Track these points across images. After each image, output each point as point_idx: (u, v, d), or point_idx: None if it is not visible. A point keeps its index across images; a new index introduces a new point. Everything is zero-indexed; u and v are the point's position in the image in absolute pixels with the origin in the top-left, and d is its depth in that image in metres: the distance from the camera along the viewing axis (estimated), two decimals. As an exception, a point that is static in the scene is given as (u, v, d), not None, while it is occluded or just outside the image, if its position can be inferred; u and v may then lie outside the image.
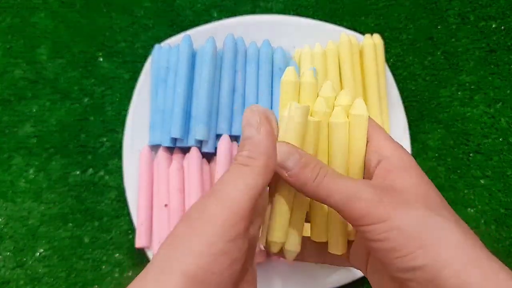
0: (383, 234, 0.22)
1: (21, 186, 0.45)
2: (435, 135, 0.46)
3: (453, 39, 0.48)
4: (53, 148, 0.45)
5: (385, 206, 0.22)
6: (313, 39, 0.43)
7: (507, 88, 0.47)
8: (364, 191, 0.22)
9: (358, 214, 0.22)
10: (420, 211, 0.22)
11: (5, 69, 0.47)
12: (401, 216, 0.22)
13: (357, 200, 0.22)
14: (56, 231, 0.44)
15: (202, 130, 0.40)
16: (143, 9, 0.48)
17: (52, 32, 0.47)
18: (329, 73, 0.42)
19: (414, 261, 0.21)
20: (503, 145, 0.46)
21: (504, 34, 0.48)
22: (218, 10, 0.48)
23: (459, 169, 0.45)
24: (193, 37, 0.42)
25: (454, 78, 0.47)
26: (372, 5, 0.48)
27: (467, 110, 0.47)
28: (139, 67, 0.46)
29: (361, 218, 0.22)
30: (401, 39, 0.48)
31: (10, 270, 0.43)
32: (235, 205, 0.21)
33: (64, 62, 0.47)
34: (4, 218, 0.44)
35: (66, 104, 0.46)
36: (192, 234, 0.21)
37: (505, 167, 0.45)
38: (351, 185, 0.23)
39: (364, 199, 0.22)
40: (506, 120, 0.46)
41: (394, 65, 0.47)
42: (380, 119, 0.41)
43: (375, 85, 0.41)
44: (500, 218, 0.45)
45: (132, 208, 0.42)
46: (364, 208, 0.22)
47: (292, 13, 0.48)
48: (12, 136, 0.45)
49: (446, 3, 0.48)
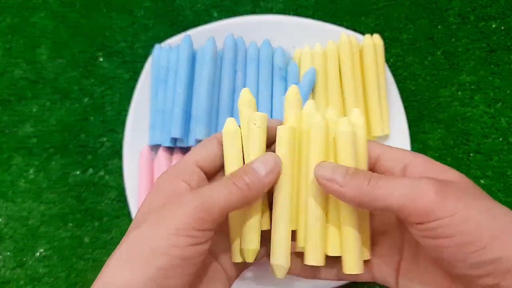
0: (454, 228, 0.21)
1: (21, 186, 0.45)
2: (435, 135, 0.46)
3: (453, 39, 0.48)
4: (53, 148, 0.45)
5: (450, 199, 0.21)
6: (313, 39, 0.43)
7: (507, 88, 0.47)
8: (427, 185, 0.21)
9: (423, 211, 0.21)
10: (484, 201, 0.21)
11: (5, 69, 0.47)
12: (469, 207, 0.21)
13: (422, 196, 0.21)
14: (56, 231, 0.44)
15: (202, 130, 0.40)
16: (143, 9, 0.48)
17: (52, 32, 0.47)
18: (329, 73, 0.42)
19: (492, 253, 0.20)
20: (503, 145, 0.46)
21: (504, 34, 0.48)
22: (218, 10, 0.48)
23: (459, 169, 0.45)
24: (193, 37, 0.42)
25: (454, 78, 0.47)
26: (372, 5, 0.48)
27: (467, 110, 0.47)
28: (139, 67, 0.47)
29: (427, 215, 0.21)
30: (401, 39, 0.48)
31: (10, 270, 0.43)
32: (211, 201, 0.22)
33: (64, 62, 0.47)
34: (4, 218, 0.44)
35: (66, 104, 0.46)
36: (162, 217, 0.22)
37: (505, 167, 0.45)
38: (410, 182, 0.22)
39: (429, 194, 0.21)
40: (506, 120, 0.46)
41: (394, 65, 0.47)
42: (380, 119, 0.41)
43: (375, 85, 0.41)
44: (500, 218, 0.45)
45: (132, 208, 0.42)
46: (430, 204, 0.21)
47: (292, 13, 0.48)
48: (12, 136, 0.45)
49: (446, 3, 0.48)
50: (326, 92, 0.42)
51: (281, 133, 0.26)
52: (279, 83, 0.42)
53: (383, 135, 0.42)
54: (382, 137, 0.43)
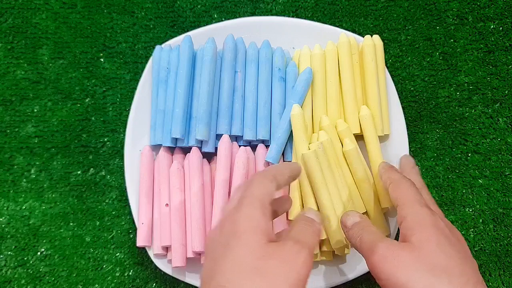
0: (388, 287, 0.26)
1: (23, 185, 0.45)
2: (434, 135, 0.46)
3: (451, 40, 0.48)
4: (55, 148, 0.46)
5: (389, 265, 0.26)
6: (312, 40, 0.44)
7: (505, 89, 0.47)
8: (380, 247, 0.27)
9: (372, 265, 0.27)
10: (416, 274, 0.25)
11: (7, 69, 0.47)
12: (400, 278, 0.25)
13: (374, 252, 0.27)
14: (57, 231, 0.44)
15: (202, 130, 0.40)
16: (144, 10, 0.48)
17: (54, 33, 0.48)
18: (328, 74, 0.42)
19: None
20: (501, 145, 0.46)
21: (502, 35, 0.48)
22: (218, 11, 0.48)
23: (458, 169, 0.46)
24: (194, 38, 0.43)
25: (453, 78, 0.47)
26: (371, 6, 0.49)
27: (466, 111, 0.47)
28: (140, 67, 0.47)
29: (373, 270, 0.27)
30: (399, 40, 0.48)
31: (11, 269, 0.43)
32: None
33: (65, 63, 0.47)
34: (5, 217, 0.44)
35: (67, 105, 0.46)
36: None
37: (503, 167, 0.46)
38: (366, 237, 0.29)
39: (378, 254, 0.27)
40: (504, 120, 0.46)
41: (392, 66, 0.48)
42: (381, 119, 0.42)
43: (375, 85, 0.42)
44: (498, 218, 0.45)
45: (133, 207, 0.42)
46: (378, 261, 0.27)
47: (291, 14, 0.48)
48: (13, 136, 0.46)
49: (445, 4, 0.49)
50: (326, 93, 0.42)
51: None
52: (278, 83, 0.42)
53: (383, 135, 0.42)
54: (382, 137, 0.43)
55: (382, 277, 0.26)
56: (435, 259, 0.26)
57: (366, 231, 0.30)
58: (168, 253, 0.41)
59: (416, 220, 0.28)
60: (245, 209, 0.26)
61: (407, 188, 0.31)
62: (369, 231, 0.30)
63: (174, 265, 0.39)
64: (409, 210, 0.29)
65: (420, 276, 0.25)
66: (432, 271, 0.25)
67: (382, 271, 0.26)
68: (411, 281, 0.25)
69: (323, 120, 0.41)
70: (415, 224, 0.28)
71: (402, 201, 0.30)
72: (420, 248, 0.26)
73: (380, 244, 0.27)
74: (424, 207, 0.29)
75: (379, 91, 0.42)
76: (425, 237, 0.27)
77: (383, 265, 0.26)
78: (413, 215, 0.28)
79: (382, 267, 0.26)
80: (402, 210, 0.29)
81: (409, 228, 0.28)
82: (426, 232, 0.27)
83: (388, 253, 0.27)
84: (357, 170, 0.40)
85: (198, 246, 0.39)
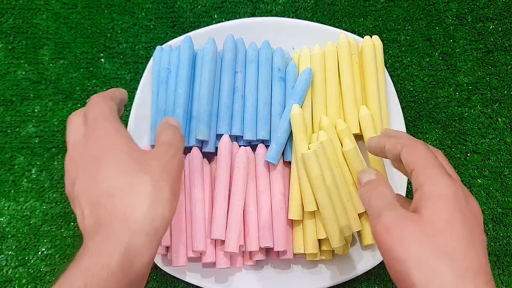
0: (386, 260, 0.25)
1: (24, 185, 0.45)
2: (433, 135, 0.47)
3: (450, 40, 0.48)
4: (55, 148, 0.46)
5: (407, 245, 0.24)
6: (312, 41, 0.44)
7: (504, 89, 0.47)
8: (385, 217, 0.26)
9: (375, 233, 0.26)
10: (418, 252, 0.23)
11: (8, 69, 0.47)
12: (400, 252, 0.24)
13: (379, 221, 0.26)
14: (58, 230, 0.44)
15: (202, 130, 0.40)
16: (144, 10, 0.48)
17: (54, 33, 0.48)
18: (328, 74, 0.42)
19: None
20: (500, 145, 0.46)
21: (501, 35, 0.48)
22: (218, 12, 0.48)
23: (457, 169, 0.46)
24: (194, 38, 0.43)
25: (452, 78, 0.48)
26: (371, 6, 0.49)
27: (465, 111, 0.47)
28: (140, 68, 0.47)
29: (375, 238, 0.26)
30: (399, 40, 0.48)
31: (12, 268, 0.43)
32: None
33: (66, 63, 0.47)
34: (6, 217, 0.44)
35: (68, 105, 0.47)
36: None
37: (502, 167, 0.46)
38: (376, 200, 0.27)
39: (383, 223, 0.25)
40: (503, 120, 0.47)
41: (392, 66, 0.48)
42: (380, 119, 0.42)
43: (375, 85, 0.42)
44: (498, 218, 0.45)
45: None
46: (381, 230, 0.25)
47: (291, 15, 0.49)
48: (14, 136, 0.46)
49: (444, 4, 0.49)
50: (325, 93, 0.42)
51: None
52: (278, 84, 0.42)
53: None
54: (381, 137, 0.43)
55: (383, 248, 0.25)
56: (442, 239, 0.24)
57: (377, 193, 0.28)
58: (168, 252, 0.41)
59: (434, 189, 0.25)
60: (105, 123, 0.28)
61: (424, 150, 0.28)
62: (379, 193, 0.28)
63: (175, 265, 0.39)
64: (427, 177, 0.26)
65: (421, 256, 0.23)
66: (435, 253, 0.23)
67: (384, 242, 0.25)
68: (410, 260, 0.23)
69: (322, 120, 0.41)
70: (431, 195, 0.25)
71: (419, 165, 0.27)
72: (429, 223, 0.24)
73: (386, 213, 0.26)
74: (444, 175, 0.26)
75: (378, 91, 0.42)
76: (437, 212, 0.24)
77: (385, 236, 0.25)
78: (431, 184, 0.26)
79: (384, 238, 0.25)
80: (419, 176, 0.26)
81: (423, 198, 0.25)
82: (439, 206, 0.25)
83: (392, 224, 0.25)
84: (357, 170, 0.40)
85: (199, 246, 0.39)
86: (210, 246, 0.40)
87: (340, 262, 0.41)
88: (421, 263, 0.23)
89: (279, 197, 0.40)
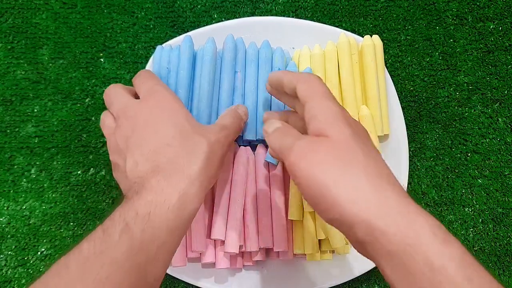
0: (305, 188, 0.25)
1: (23, 185, 0.45)
2: (433, 135, 0.47)
3: (451, 40, 0.48)
4: (55, 148, 0.46)
5: (307, 160, 0.25)
6: (312, 41, 0.44)
7: (505, 89, 0.47)
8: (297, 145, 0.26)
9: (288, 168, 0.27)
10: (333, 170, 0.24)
11: (7, 69, 0.47)
12: (321, 170, 0.25)
13: (289, 155, 0.26)
14: (57, 231, 0.44)
15: (202, 130, 0.40)
16: (144, 10, 0.48)
17: (54, 33, 0.48)
18: (328, 74, 0.42)
19: (330, 215, 0.24)
20: (500, 145, 0.46)
21: (501, 35, 0.48)
22: (218, 11, 0.48)
23: (457, 169, 0.46)
24: (194, 38, 0.43)
25: (452, 78, 0.48)
26: (371, 6, 0.49)
27: (465, 110, 0.47)
28: (140, 67, 0.47)
29: (291, 171, 0.26)
30: (399, 40, 0.48)
31: (12, 269, 0.43)
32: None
33: (65, 63, 0.47)
34: (6, 217, 0.44)
35: (67, 104, 0.46)
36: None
37: (503, 167, 0.46)
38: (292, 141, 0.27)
39: (293, 153, 0.26)
40: (503, 120, 0.47)
41: (392, 66, 0.48)
42: (380, 119, 0.42)
43: (375, 85, 0.42)
44: (498, 218, 0.45)
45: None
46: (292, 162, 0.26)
47: (291, 14, 0.48)
48: (13, 136, 0.46)
49: (444, 4, 0.49)
50: (325, 92, 0.42)
51: None
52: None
53: (383, 135, 0.42)
54: (382, 137, 0.43)
55: (299, 175, 0.25)
56: (351, 155, 0.25)
57: (287, 134, 0.29)
58: (168, 253, 0.41)
59: (330, 114, 0.27)
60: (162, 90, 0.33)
61: (317, 82, 0.30)
62: (289, 133, 0.29)
63: (174, 265, 0.39)
64: (321, 105, 0.28)
65: (338, 173, 0.24)
66: (349, 168, 0.24)
67: (300, 169, 0.25)
68: (329, 179, 0.24)
69: None
70: (328, 119, 0.27)
71: (312, 96, 0.28)
72: (337, 143, 0.26)
73: (298, 142, 0.27)
74: (336, 103, 0.28)
75: (378, 91, 0.42)
76: (340, 132, 0.26)
77: (300, 163, 0.25)
78: (326, 110, 0.27)
79: (300, 165, 0.25)
80: (312, 105, 0.28)
81: (323, 122, 0.27)
82: (341, 127, 0.26)
83: (306, 149, 0.26)
84: None
85: (199, 246, 0.39)
86: (209, 246, 0.40)
87: (340, 263, 0.41)
88: (340, 180, 0.24)
89: (279, 197, 0.40)
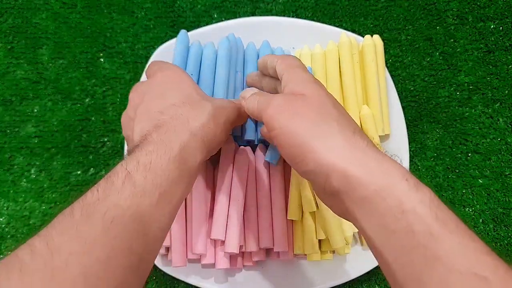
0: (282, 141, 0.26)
1: (23, 186, 0.45)
2: (434, 135, 0.46)
3: (451, 39, 0.48)
4: (55, 148, 0.46)
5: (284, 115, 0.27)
6: (312, 40, 0.44)
7: (505, 89, 0.47)
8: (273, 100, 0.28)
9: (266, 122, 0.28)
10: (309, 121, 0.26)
11: (7, 69, 0.47)
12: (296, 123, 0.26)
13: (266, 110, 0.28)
14: (57, 231, 0.44)
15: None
16: (144, 10, 0.48)
17: (54, 33, 0.48)
18: (328, 74, 0.42)
19: (307, 166, 0.25)
20: (501, 145, 0.46)
21: (502, 35, 0.48)
22: (218, 11, 0.48)
23: (458, 169, 0.46)
24: (194, 38, 0.43)
25: (453, 78, 0.47)
26: (371, 6, 0.49)
27: (466, 110, 0.47)
28: (140, 67, 0.47)
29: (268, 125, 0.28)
30: (399, 40, 0.48)
31: (11, 269, 0.43)
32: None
33: (65, 63, 0.47)
34: (5, 217, 0.44)
35: (67, 105, 0.46)
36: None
37: (503, 167, 0.46)
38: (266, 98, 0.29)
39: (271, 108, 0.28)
40: (504, 120, 0.47)
41: (392, 66, 0.48)
42: (381, 119, 0.42)
43: (376, 85, 0.42)
44: (498, 218, 0.45)
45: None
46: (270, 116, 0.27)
47: (291, 14, 0.48)
48: (13, 136, 0.46)
49: (445, 4, 0.49)
50: (326, 92, 0.42)
51: None
52: (278, 83, 0.42)
53: (384, 134, 0.42)
54: (382, 137, 0.43)
55: (277, 126, 0.27)
56: (328, 109, 0.27)
57: (264, 94, 0.31)
58: (168, 253, 0.41)
59: (305, 79, 0.29)
60: (172, 66, 0.33)
61: (293, 58, 0.32)
62: (266, 94, 0.31)
63: (174, 265, 0.39)
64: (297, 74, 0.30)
65: (315, 123, 0.26)
66: (324, 121, 0.26)
67: (278, 121, 0.27)
68: (305, 130, 0.26)
69: None
70: (304, 82, 0.29)
71: (288, 69, 0.31)
72: (312, 100, 0.27)
73: (275, 97, 0.28)
74: (310, 74, 0.30)
75: (379, 91, 0.42)
76: (314, 91, 0.28)
77: (278, 116, 0.27)
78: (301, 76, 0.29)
79: (278, 116, 0.27)
80: (288, 75, 0.30)
81: (298, 85, 0.29)
82: (315, 87, 0.28)
83: (283, 103, 0.27)
84: None
85: (199, 248, 0.39)
86: (210, 247, 0.40)
87: (340, 263, 0.41)
88: (317, 130, 0.25)
89: (279, 197, 0.40)
